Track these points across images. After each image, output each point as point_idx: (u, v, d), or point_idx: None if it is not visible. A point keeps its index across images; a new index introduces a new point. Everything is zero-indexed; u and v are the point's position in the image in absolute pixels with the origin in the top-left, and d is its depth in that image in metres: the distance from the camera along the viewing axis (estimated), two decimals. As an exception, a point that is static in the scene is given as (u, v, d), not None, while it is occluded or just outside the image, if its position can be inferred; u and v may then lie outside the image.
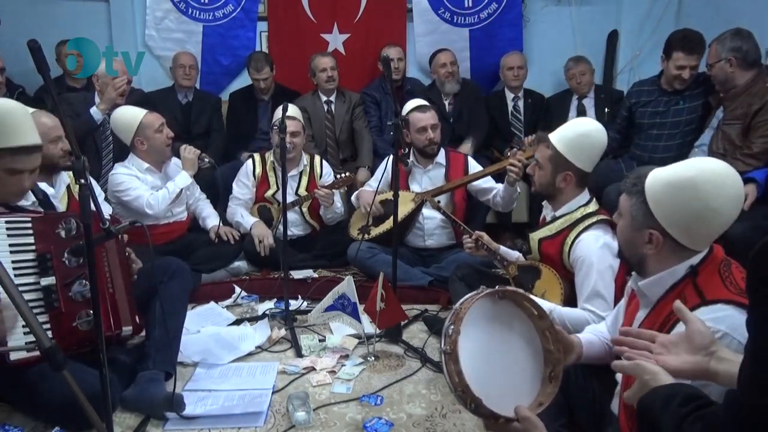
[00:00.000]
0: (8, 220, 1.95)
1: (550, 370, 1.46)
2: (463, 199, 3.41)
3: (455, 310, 1.41)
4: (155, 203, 3.20)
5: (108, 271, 2.11)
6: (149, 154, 3.26)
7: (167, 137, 3.25)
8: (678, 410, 1.06)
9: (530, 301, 1.46)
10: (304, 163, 3.66)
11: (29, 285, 1.94)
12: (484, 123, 4.37)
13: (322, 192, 3.48)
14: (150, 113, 3.25)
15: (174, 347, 2.31)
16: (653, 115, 3.53)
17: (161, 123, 3.23)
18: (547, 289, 2.28)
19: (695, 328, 1.21)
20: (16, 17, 4.36)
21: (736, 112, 3.02)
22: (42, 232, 1.98)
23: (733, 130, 3.02)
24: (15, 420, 2.06)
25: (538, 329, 1.48)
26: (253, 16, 4.73)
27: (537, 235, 2.37)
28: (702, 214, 1.35)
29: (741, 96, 3.03)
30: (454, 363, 1.33)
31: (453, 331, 1.36)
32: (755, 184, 2.71)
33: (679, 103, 3.46)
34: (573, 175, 2.25)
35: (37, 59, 1.41)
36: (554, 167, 2.27)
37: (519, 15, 4.77)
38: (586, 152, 2.23)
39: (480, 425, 2.07)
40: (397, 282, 2.74)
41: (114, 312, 2.09)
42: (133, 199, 3.19)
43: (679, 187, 1.37)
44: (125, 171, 3.25)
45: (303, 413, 2.06)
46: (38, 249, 1.97)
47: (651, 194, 1.42)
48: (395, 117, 2.59)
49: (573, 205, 2.29)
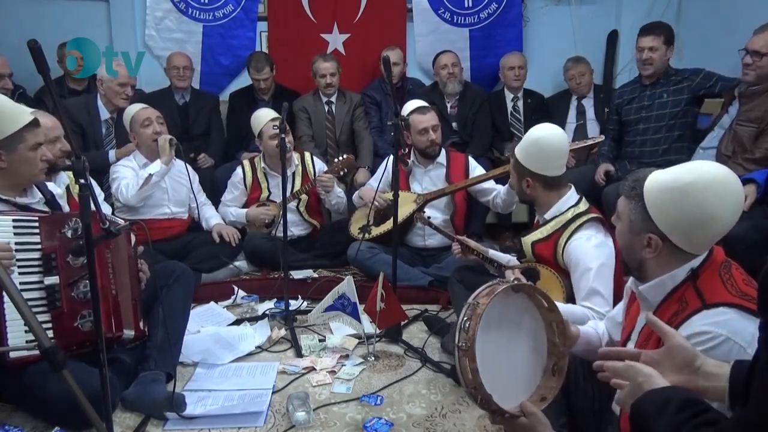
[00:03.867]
0: (16, 218, 1.97)
1: (554, 363, 1.48)
2: (464, 199, 3.41)
3: (471, 304, 1.42)
4: (125, 190, 3.24)
5: (112, 273, 2.11)
6: (141, 148, 3.36)
7: (153, 132, 3.29)
8: (674, 417, 1.03)
9: (542, 294, 1.48)
10: (295, 162, 3.68)
11: (33, 284, 1.95)
12: (487, 130, 4.38)
13: (323, 177, 3.50)
14: (143, 109, 3.34)
15: (176, 349, 2.32)
16: (638, 110, 3.57)
17: (146, 117, 3.29)
18: (547, 290, 2.27)
19: (675, 343, 1.18)
20: (17, 17, 4.36)
21: (753, 113, 2.95)
22: (48, 231, 2.00)
23: (746, 132, 2.95)
24: (15, 420, 2.06)
25: (546, 321, 1.50)
26: (253, 16, 4.73)
27: (529, 238, 2.38)
28: (701, 219, 1.33)
29: (761, 96, 2.95)
30: (470, 360, 1.34)
31: (470, 327, 1.36)
32: (755, 184, 2.70)
33: (662, 96, 3.50)
34: (533, 180, 2.31)
35: (37, 59, 1.41)
36: (518, 175, 2.38)
37: (519, 15, 4.77)
38: (539, 157, 2.28)
39: (480, 425, 2.07)
40: (397, 282, 2.75)
41: (116, 314, 2.08)
42: (114, 190, 3.29)
43: (678, 192, 1.35)
44: (124, 163, 3.36)
45: (303, 413, 2.06)
46: (44, 248, 1.98)
47: (650, 198, 1.40)
48: (395, 117, 2.60)
49: (562, 206, 2.31)
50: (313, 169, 3.70)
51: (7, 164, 2.03)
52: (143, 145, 3.34)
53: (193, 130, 4.29)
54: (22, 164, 2.06)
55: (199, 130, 4.32)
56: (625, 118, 3.64)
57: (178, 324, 2.38)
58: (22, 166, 2.07)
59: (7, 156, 2.03)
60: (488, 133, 4.38)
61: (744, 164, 2.88)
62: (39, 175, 2.16)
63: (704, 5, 4.35)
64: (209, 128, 4.38)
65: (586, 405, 1.70)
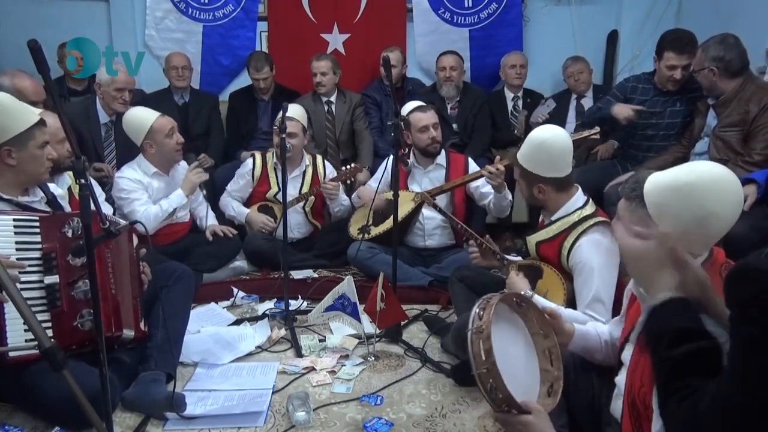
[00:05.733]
0: (17, 217, 1.98)
1: (548, 387, 1.50)
2: (463, 201, 3.41)
3: (484, 299, 1.46)
4: (146, 221, 3.04)
5: (112, 273, 2.11)
6: (157, 157, 3.23)
7: (177, 143, 3.22)
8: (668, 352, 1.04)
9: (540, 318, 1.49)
10: (306, 163, 3.67)
11: (33, 283, 1.95)
12: (486, 130, 4.38)
13: (329, 185, 3.50)
14: (162, 117, 3.21)
15: (176, 350, 2.32)
16: (649, 115, 3.45)
17: (172, 127, 3.20)
18: (549, 289, 2.26)
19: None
20: (17, 18, 4.36)
21: (732, 118, 2.97)
22: (49, 230, 2.00)
23: (733, 137, 2.97)
24: (15, 420, 2.06)
25: (539, 349, 1.51)
26: (253, 16, 4.73)
27: (534, 238, 2.36)
28: (702, 219, 1.33)
29: (732, 102, 2.97)
30: (484, 341, 1.36)
31: (485, 314, 1.39)
32: (755, 185, 2.70)
33: (676, 104, 3.40)
34: (545, 184, 2.25)
35: (37, 59, 1.41)
36: (527, 183, 2.31)
37: (519, 15, 4.77)
38: (547, 160, 2.23)
39: (480, 425, 2.07)
40: (397, 282, 2.74)
41: (115, 313, 2.08)
42: (128, 212, 3.15)
43: (678, 192, 1.34)
44: (132, 175, 3.20)
45: (303, 413, 2.06)
46: (44, 248, 1.99)
47: (650, 199, 1.39)
48: (395, 117, 2.60)
49: (569, 208, 2.27)
50: (323, 173, 3.70)
51: (17, 162, 2.06)
52: (163, 155, 3.22)
53: (192, 131, 4.29)
54: (31, 162, 2.10)
55: (198, 130, 4.32)
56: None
57: (178, 324, 2.38)
58: (30, 164, 2.10)
59: (17, 153, 2.05)
60: (488, 134, 4.38)
61: (744, 166, 2.88)
62: (44, 173, 2.19)
63: (704, 5, 4.34)
64: (209, 128, 4.37)
65: (585, 406, 1.70)
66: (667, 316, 1.09)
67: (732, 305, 0.93)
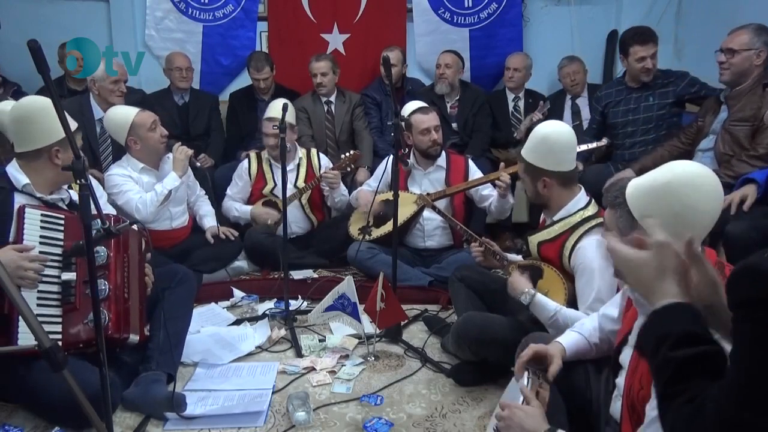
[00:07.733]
0: (44, 213, 2.09)
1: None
2: (463, 203, 3.40)
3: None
4: (143, 207, 3.09)
5: (127, 277, 2.16)
6: (144, 153, 3.17)
7: (161, 135, 3.17)
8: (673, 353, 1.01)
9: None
10: (299, 155, 3.68)
11: (51, 277, 2.03)
12: (486, 130, 4.38)
13: (330, 174, 3.50)
14: (142, 111, 3.16)
15: (177, 352, 2.33)
16: (625, 113, 3.61)
17: (153, 120, 3.14)
18: (549, 289, 2.26)
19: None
20: (16, 18, 4.35)
21: (744, 113, 2.97)
22: (72, 230, 2.09)
23: (741, 131, 2.97)
24: (15, 420, 2.06)
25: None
26: (253, 16, 4.73)
27: (536, 238, 2.35)
28: (684, 214, 1.36)
29: (746, 95, 2.98)
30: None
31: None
32: (755, 184, 2.70)
33: (648, 99, 3.55)
34: (550, 178, 2.25)
35: (37, 59, 1.41)
36: (531, 178, 2.31)
37: (519, 15, 4.77)
38: (551, 154, 2.23)
39: (480, 425, 2.07)
40: (397, 282, 2.75)
41: (125, 317, 2.12)
42: (123, 203, 3.10)
43: (658, 192, 1.39)
44: (120, 172, 3.17)
45: (303, 413, 2.06)
46: (66, 245, 2.07)
47: (633, 203, 1.43)
48: (395, 117, 2.59)
49: (571, 208, 2.27)
50: (318, 165, 3.70)
51: (62, 162, 2.14)
52: (149, 149, 3.16)
53: (192, 131, 4.29)
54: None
55: (198, 130, 4.32)
56: (612, 121, 3.67)
57: (180, 327, 2.38)
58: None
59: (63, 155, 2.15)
60: (488, 134, 4.38)
61: (748, 161, 2.88)
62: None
63: (704, 5, 4.34)
64: (209, 128, 4.37)
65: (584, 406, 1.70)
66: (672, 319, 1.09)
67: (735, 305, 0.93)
